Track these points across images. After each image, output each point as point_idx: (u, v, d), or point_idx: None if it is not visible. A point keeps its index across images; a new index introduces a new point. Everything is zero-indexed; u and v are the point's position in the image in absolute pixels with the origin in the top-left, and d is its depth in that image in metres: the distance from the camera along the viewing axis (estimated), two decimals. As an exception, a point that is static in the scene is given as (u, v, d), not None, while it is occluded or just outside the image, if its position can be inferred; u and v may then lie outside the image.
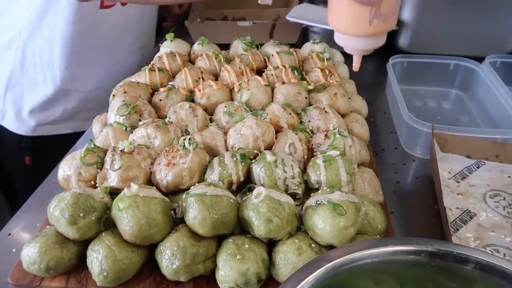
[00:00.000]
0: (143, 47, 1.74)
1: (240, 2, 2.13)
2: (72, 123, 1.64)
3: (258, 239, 0.83)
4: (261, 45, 1.55)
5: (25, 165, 1.64)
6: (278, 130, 1.08)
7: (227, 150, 1.03)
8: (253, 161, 0.95)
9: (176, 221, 0.87)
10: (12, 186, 1.77)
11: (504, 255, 0.93)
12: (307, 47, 1.51)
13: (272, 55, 1.42)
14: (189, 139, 0.97)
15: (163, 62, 1.37)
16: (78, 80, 1.56)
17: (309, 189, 0.94)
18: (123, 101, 1.10)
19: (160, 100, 1.18)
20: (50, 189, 1.11)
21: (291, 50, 1.44)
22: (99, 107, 1.51)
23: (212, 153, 1.02)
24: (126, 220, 0.80)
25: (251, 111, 1.14)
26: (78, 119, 1.64)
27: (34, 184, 1.25)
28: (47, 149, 1.62)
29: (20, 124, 1.59)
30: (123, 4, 1.48)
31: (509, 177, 1.14)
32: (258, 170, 0.91)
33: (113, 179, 0.91)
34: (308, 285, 0.58)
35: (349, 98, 1.24)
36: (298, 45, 1.71)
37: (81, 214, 0.81)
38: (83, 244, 0.84)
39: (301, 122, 1.13)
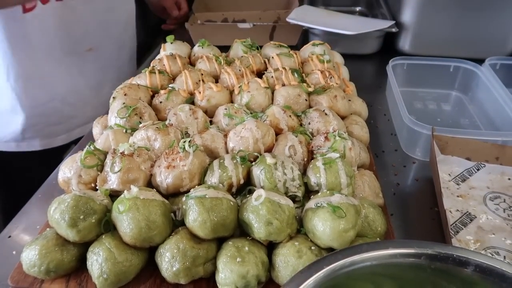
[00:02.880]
0: (95, 49, 1.54)
1: (240, 4, 2.13)
2: (37, 141, 1.54)
3: (258, 242, 0.83)
4: (261, 47, 1.56)
5: None
6: (278, 132, 1.08)
7: (227, 152, 1.03)
8: (253, 163, 0.95)
9: (176, 223, 0.88)
10: None
11: (504, 257, 0.93)
12: (307, 49, 1.51)
13: (272, 57, 1.43)
14: (189, 141, 0.97)
15: (163, 64, 1.37)
16: (27, 92, 1.44)
17: (309, 192, 0.94)
18: (124, 103, 1.10)
19: (160, 102, 1.18)
20: (50, 191, 1.11)
21: (291, 52, 1.44)
22: (64, 121, 1.41)
23: (212, 155, 1.02)
24: (126, 223, 0.80)
25: (251, 113, 1.14)
26: (44, 136, 1.55)
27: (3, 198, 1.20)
28: (16, 166, 1.55)
29: None
30: (44, 2, 1.34)
31: (509, 179, 1.14)
32: (258, 173, 0.91)
33: (113, 182, 0.92)
34: (308, 288, 0.58)
35: (349, 100, 1.24)
36: (298, 47, 1.71)
37: (81, 217, 0.81)
38: (83, 247, 0.84)
39: (301, 125, 1.13)
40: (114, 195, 0.91)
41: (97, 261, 0.79)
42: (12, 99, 1.44)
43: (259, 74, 1.39)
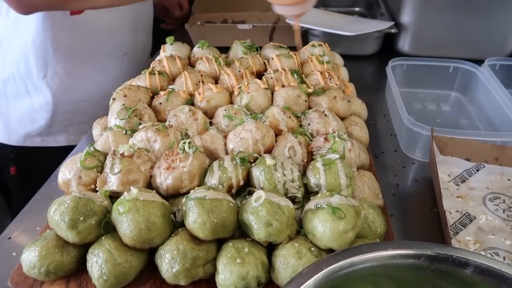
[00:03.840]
0: (128, 53, 1.65)
1: (240, 5, 2.13)
2: (64, 136, 1.60)
3: (258, 243, 0.83)
4: (261, 48, 1.56)
5: (10, 175, 1.61)
6: (277, 133, 1.08)
7: (227, 153, 1.03)
8: (253, 164, 0.95)
9: (176, 224, 0.88)
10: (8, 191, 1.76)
11: (504, 258, 0.93)
12: (306, 50, 1.51)
13: (272, 58, 1.43)
14: (189, 142, 0.97)
15: (163, 66, 1.37)
16: (60, 90, 1.51)
17: (308, 193, 0.94)
18: (123, 104, 1.10)
19: (160, 103, 1.18)
20: (50, 192, 1.11)
21: (291, 53, 1.45)
22: (91, 120, 1.47)
23: (212, 156, 1.02)
24: (126, 224, 0.80)
25: (251, 114, 1.14)
26: (71, 132, 1.60)
27: (21, 196, 1.22)
28: (36, 161, 1.59)
29: (9, 134, 1.57)
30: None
31: (508, 180, 1.15)
32: (257, 174, 0.91)
33: (113, 183, 0.92)
34: (308, 289, 0.59)
35: (349, 101, 1.24)
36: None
37: (81, 218, 0.81)
38: (83, 248, 0.84)
39: (300, 126, 1.13)
40: (114, 196, 0.91)
41: (97, 262, 0.79)
42: (45, 96, 1.50)
43: (259, 75, 1.39)
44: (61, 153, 1.41)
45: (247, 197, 0.89)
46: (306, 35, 1.94)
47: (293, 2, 1.10)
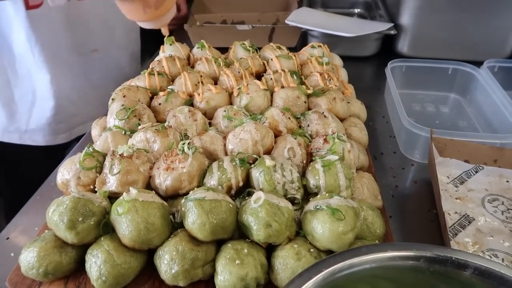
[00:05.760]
0: (100, 51, 1.60)
1: (239, 6, 2.13)
2: (41, 136, 1.58)
3: (257, 244, 0.83)
4: (260, 49, 1.56)
5: None
6: (277, 134, 1.08)
7: (226, 154, 1.03)
8: (252, 165, 0.95)
9: (175, 225, 0.88)
10: None
11: (503, 259, 0.93)
12: (306, 51, 1.51)
13: (271, 59, 1.43)
14: (188, 143, 0.97)
15: (162, 66, 1.37)
16: (35, 86, 1.50)
17: (308, 194, 0.94)
18: (122, 105, 1.10)
19: (159, 104, 1.18)
20: (49, 193, 1.11)
21: (290, 54, 1.45)
22: (68, 119, 1.45)
23: (211, 157, 1.02)
24: (125, 225, 0.80)
25: (250, 115, 1.14)
26: (49, 132, 1.59)
27: (5, 191, 1.18)
28: (16, 158, 1.59)
29: None
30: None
31: (507, 181, 1.15)
32: (257, 175, 0.91)
33: (112, 184, 0.91)
34: (307, 291, 0.58)
35: (348, 102, 1.24)
36: (297, 49, 1.72)
37: (80, 219, 0.81)
38: (82, 249, 0.84)
39: (300, 127, 1.13)
40: (113, 197, 0.91)
41: (96, 263, 0.79)
42: (24, 88, 1.49)
43: (258, 76, 1.39)
44: (40, 152, 1.39)
45: (247, 198, 0.89)
46: (305, 36, 1.94)
47: (147, 19, 1.06)
